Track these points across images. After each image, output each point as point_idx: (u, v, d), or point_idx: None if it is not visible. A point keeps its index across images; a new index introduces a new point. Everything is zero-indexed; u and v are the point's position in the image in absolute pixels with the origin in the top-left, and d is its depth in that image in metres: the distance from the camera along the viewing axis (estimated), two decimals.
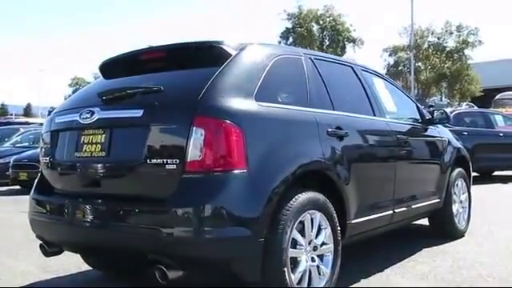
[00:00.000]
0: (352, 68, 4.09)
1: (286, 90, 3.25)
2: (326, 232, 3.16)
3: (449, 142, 5.12)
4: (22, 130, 17.70)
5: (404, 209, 4.18)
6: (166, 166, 2.66)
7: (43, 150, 3.44)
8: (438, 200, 4.79)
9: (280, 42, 38.36)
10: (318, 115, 3.28)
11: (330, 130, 3.30)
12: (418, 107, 4.88)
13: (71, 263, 4.23)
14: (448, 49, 30.66)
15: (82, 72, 77.40)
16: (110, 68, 3.57)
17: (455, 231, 5.12)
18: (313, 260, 3.06)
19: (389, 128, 4.08)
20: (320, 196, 3.10)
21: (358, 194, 3.47)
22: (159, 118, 2.74)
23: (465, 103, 27.58)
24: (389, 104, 4.31)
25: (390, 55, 32.87)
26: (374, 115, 4.00)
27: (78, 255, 3.81)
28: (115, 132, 2.92)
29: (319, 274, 3.10)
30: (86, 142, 3.03)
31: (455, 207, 5.11)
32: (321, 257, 3.13)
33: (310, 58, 3.56)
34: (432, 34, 31.13)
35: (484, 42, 29.97)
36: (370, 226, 3.75)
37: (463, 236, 5.21)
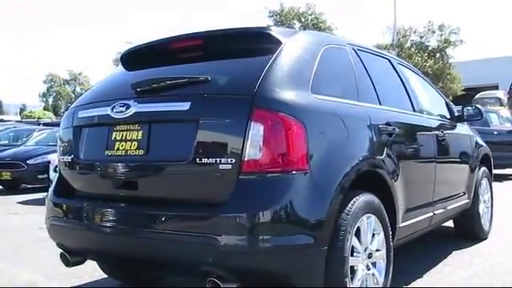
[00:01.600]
0: (389, 61, 3.84)
1: (336, 82, 2.97)
2: (380, 237, 2.90)
3: (476, 139, 4.92)
4: (0, 128, 17.07)
5: (442, 210, 3.96)
6: (220, 165, 2.35)
7: (62, 148, 3.08)
8: (468, 200, 4.59)
9: None
10: (369, 110, 3.02)
11: (381, 126, 3.04)
12: (447, 103, 4.66)
13: (82, 270, 3.86)
14: (430, 48, 30.89)
15: (57, 69, 75.74)
16: (135, 58, 3.23)
17: (481, 232, 4.93)
18: (368, 268, 2.81)
19: (429, 125, 3.86)
20: (375, 198, 2.84)
21: (405, 195, 3.22)
22: (210, 111, 2.42)
23: None
24: (423, 99, 4.08)
25: None
26: (414, 111, 3.76)
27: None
28: (155, 127, 2.58)
29: (374, 283, 2.84)
30: (118, 138, 2.69)
31: (481, 207, 4.92)
32: (374, 264, 2.88)
33: (353, 49, 3.29)
34: (414, 32, 31.27)
35: (465, 42, 30.26)
36: (414, 229, 3.51)
37: (487, 237, 5.02)
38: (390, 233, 2.99)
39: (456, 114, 4.59)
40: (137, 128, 2.62)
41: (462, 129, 4.68)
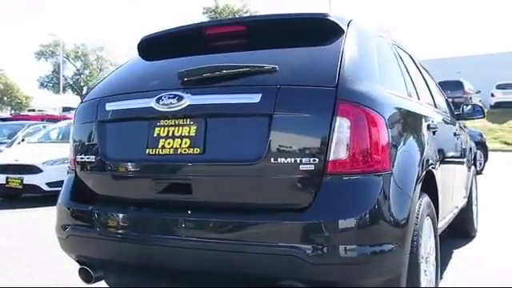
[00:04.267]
0: (411, 56, 3.72)
1: (390, 76, 2.79)
2: (431, 241, 2.76)
3: (470, 138, 4.96)
4: None
5: (456, 210, 3.92)
6: (300, 166, 2.07)
7: (79, 146, 2.66)
8: (466, 199, 4.59)
9: None
10: (420, 107, 2.87)
11: (429, 123, 2.91)
12: (446, 100, 4.64)
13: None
14: None
15: None
16: (158, 46, 2.86)
17: (472, 231, 4.97)
18: (426, 274, 2.64)
19: (450, 123, 3.81)
20: (429, 199, 2.69)
21: (443, 194, 3.10)
22: (285, 104, 2.13)
23: None
24: (436, 96, 4.01)
25: None
26: (435, 107, 3.68)
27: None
28: (213, 123, 2.25)
29: None
30: (163, 135, 2.33)
31: (473, 206, 4.97)
32: (428, 269, 2.73)
33: (388, 41, 3.14)
34: None
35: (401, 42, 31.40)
36: (441, 231, 3.40)
37: (475, 235, 5.08)
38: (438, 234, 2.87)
39: (456, 112, 4.58)
40: (189, 123, 2.28)
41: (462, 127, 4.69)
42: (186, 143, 2.27)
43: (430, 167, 2.73)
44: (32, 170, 8.20)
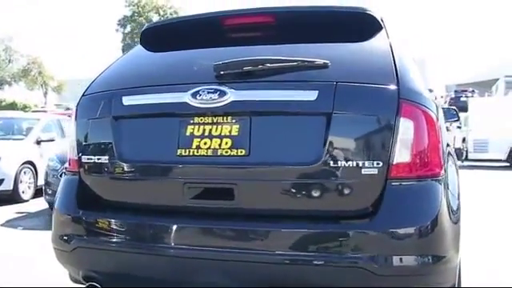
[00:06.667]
0: None
1: (420, 75, 2.70)
2: None
3: None
4: None
5: None
6: (363, 170, 1.91)
7: (84, 144, 2.31)
8: None
9: (117, 30, 36.14)
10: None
11: (446, 124, 2.86)
12: None
13: None
14: None
15: None
16: (172, 35, 2.58)
17: None
18: None
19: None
20: None
21: None
22: (345, 103, 1.95)
23: None
24: None
25: None
26: None
27: None
28: (260, 121, 2.01)
29: None
30: (197, 134, 2.07)
31: None
32: None
33: None
34: None
35: None
36: None
37: None
38: None
39: None
40: (230, 121, 2.04)
41: None
42: (226, 144, 2.03)
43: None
44: None
